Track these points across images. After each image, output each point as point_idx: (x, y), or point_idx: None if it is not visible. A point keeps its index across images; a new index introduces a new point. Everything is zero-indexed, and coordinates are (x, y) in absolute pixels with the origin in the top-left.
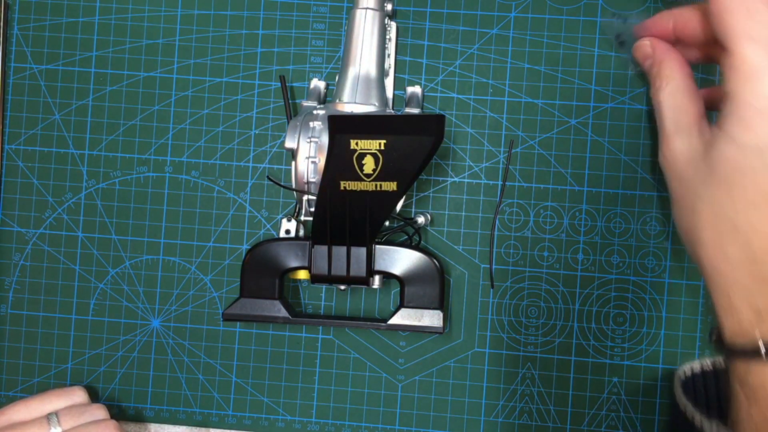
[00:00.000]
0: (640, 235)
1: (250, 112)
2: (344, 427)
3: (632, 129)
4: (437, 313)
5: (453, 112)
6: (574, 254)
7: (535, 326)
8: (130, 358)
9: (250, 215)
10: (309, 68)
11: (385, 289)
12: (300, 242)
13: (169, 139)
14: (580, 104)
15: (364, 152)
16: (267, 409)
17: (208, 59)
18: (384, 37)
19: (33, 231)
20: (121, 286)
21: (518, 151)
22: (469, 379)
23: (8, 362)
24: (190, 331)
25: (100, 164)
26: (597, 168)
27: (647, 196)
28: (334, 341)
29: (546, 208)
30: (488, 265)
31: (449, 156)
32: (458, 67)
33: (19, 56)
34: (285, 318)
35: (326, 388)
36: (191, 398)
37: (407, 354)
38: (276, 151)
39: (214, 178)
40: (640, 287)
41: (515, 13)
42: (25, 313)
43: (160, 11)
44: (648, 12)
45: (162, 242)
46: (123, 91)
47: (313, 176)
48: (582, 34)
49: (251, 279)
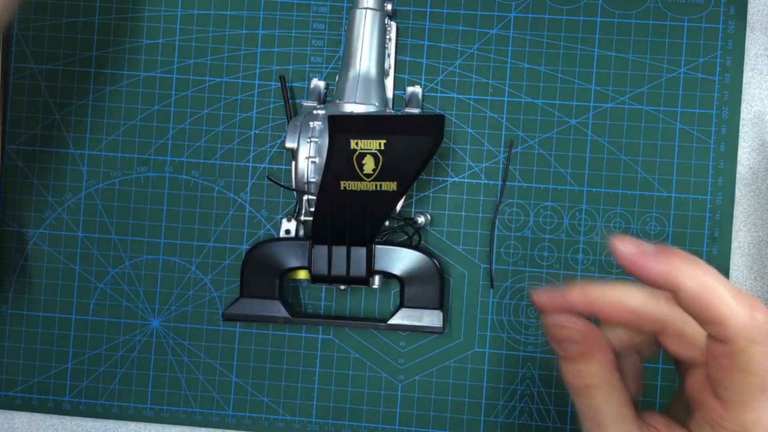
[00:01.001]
0: (640, 235)
1: (250, 112)
2: (344, 427)
3: (632, 129)
4: (437, 313)
5: (453, 112)
6: (574, 254)
7: (535, 326)
8: (130, 358)
9: (250, 215)
10: (309, 68)
11: (385, 289)
12: (300, 242)
13: (169, 139)
14: (580, 104)
15: (364, 152)
16: (267, 409)
17: (208, 59)
18: (384, 37)
19: (33, 231)
20: (121, 286)
21: (518, 151)
22: (469, 379)
23: (8, 362)
24: (190, 331)
25: (100, 164)
26: (597, 168)
27: (647, 196)
28: (334, 341)
29: (546, 208)
30: (488, 265)
31: (449, 156)
32: (458, 67)
33: (19, 56)
34: (285, 318)
35: (326, 388)
36: (191, 398)
37: (407, 354)
38: (276, 151)
39: (214, 178)
40: None
41: (515, 13)
42: (25, 313)
43: (160, 11)
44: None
45: (162, 242)
46: (123, 91)
47: (313, 176)
48: (582, 34)
49: (251, 279)
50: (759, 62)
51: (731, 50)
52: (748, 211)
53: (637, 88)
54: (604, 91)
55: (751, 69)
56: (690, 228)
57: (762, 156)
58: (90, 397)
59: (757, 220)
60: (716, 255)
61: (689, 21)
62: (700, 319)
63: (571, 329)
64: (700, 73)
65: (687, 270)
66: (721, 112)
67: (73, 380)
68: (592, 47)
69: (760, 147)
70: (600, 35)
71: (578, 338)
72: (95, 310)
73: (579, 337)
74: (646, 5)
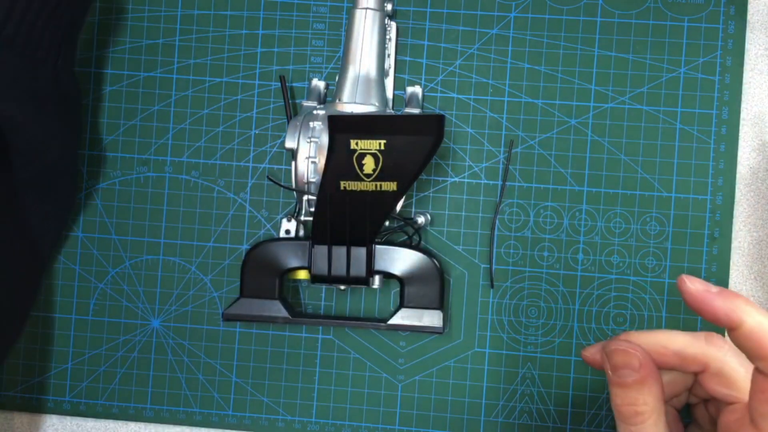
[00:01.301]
0: (640, 235)
1: (250, 112)
2: (344, 427)
3: (632, 129)
4: (437, 313)
5: (453, 112)
6: (574, 254)
7: (535, 326)
8: (130, 358)
9: (250, 215)
10: (309, 68)
11: (385, 289)
12: (300, 242)
13: (169, 139)
14: (580, 104)
15: (364, 152)
16: (267, 409)
17: (208, 59)
18: (384, 37)
19: None
20: (121, 286)
21: (518, 151)
22: (469, 379)
23: (8, 362)
24: (190, 331)
25: (100, 164)
26: (597, 168)
27: (647, 196)
28: (334, 341)
29: (546, 208)
30: (488, 265)
31: (449, 156)
32: (458, 67)
33: None
34: (285, 318)
35: (326, 388)
36: (191, 398)
37: (407, 354)
38: (276, 151)
39: (214, 178)
40: (640, 287)
41: (515, 13)
42: None
43: (160, 11)
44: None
45: (162, 242)
46: (123, 91)
47: (313, 176)
48: (582, 34)
49: (251, 279)
50: (759, 62)
51: (731, 50)
52: (748, 211)
53: (637, 88)
54: (604, 91)
55: (751, 69)
56: (690, 228)
57: (762, 156)
58: (90, 397)
59: (757, 220)
60: (716, 255)
61: (689, 21)
62: (754, 354)
63: (633, 355)
64: (700, 73)
65: (748, 309)
66: (721, 112)
67: (73, 380)
68: (592, 47)
69: (760, 147)
70: (600, 35)
71: (636, 365)
72: (95, 310)
73: (637, 364)
74: (646, 5)
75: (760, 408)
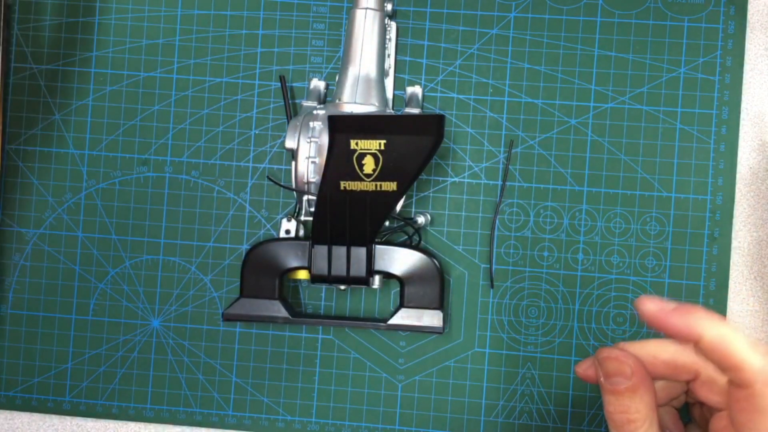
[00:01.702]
0: (640, 235)
1: (250, 112)
2: (344, 427)
3: (632, 129)
4: (437, 313)
5: (453, 112)
6: (574, 254)
7: (535, 326)
8: (130, 358)
9: (250, 215)
10: (309, 68)
11: (385, 289)
12: (300, 242)
13: (169, 139)
14: (580, 104)
15: (364, 152)
16: (267, 409)
17: (208, 59)
18: (384, 37)
19: (33, 231)
20: (121, 286)
21: (518, 151)
22: (469, 379)
23: (8, 362)
24: (190, 331)
25: (100, 164)
26: (597, 168)
27: (647, 196)
28: (334, 341)
29: (546, 208)
30: (488, 265)
31: (449, 156)
32: (458, 67)
33: (19, 56)
34: (285, 318)
35: (326, 388)
36: (191, 398)
37: (407, 354)
38: (276, 151)
39: (214, 178)
40: (640, 287)
41: (515, 13)
42: (25, 313)
43: (160, 11)
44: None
45: (162, 242)
46: (123, 91)
47: (313, 176)
48: (582, 34)
49: (251, 279)
50: (759, 62)
51: (731, 50)
52: (748, 211)
53: (637, 88)
54: (604, 91)
55: (751, 69)
56: (690, 228)
57: (762, 156)
58: (90, 397)
59: (757, 220)
60: (716, 255)
61: (689, 21)
62: (721, 366)
63: (625, 363)
64: (700, 73)
65: (707, 322)
66: (721, 112)
67: (73, 380)
68: (592, 47)
69: (760, 147)
70: (600, 35)
71: (629, 373)
72: (95, 310)
73: (629, 372)
74: (646, 5)
75: (737, 417)
